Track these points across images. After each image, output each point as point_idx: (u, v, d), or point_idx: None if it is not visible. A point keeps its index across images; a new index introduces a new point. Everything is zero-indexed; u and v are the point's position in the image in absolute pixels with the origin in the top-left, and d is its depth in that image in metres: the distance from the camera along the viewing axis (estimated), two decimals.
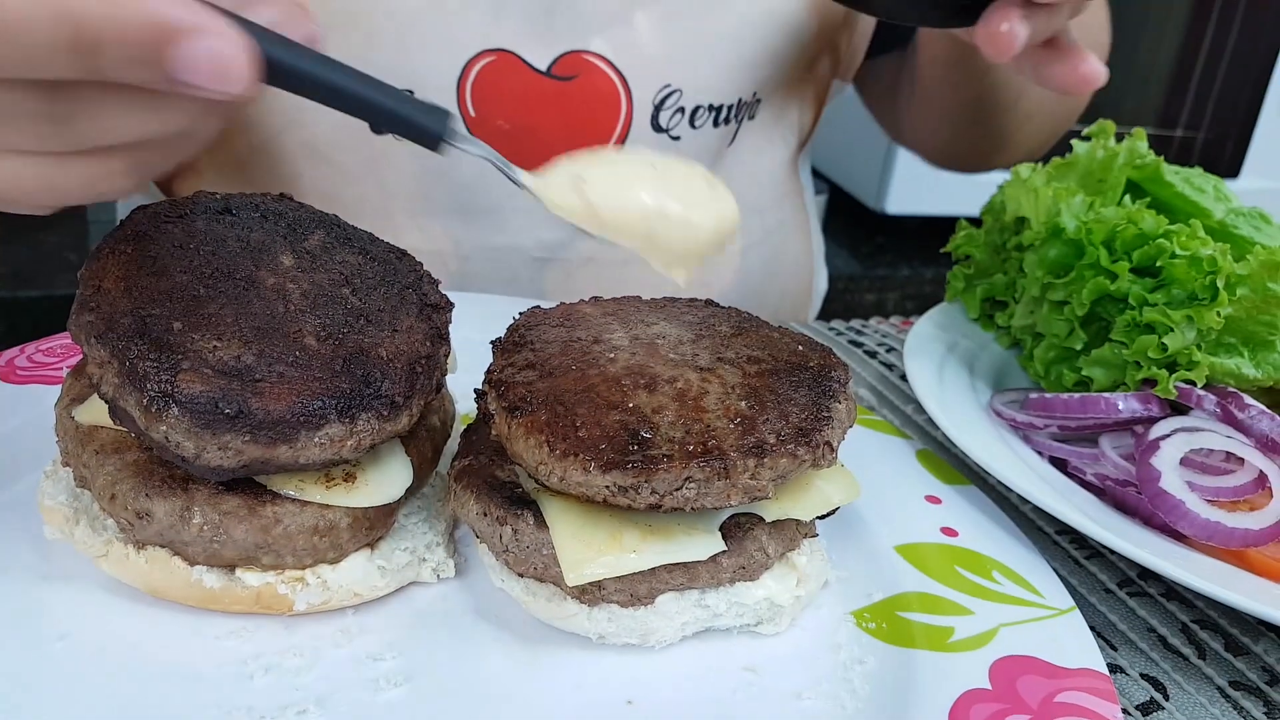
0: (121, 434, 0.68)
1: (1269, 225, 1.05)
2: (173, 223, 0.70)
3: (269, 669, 0.65)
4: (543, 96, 1.14)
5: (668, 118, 1.19)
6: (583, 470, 0.64)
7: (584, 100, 1.16)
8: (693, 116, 1.21)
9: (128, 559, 0.67)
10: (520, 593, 0.71)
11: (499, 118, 1.14)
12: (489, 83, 1.13)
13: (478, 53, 1.11)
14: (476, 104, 1.13)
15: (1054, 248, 1.01)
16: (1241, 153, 2.74)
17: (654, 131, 1.20)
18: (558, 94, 1.14)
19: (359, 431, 0.65)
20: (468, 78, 1.12)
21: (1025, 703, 0.66)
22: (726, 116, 1.24)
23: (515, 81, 1.13)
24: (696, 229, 0.68)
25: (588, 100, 1.16)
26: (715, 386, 0.69)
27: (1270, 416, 0.88)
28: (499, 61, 1.12)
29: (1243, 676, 0.77)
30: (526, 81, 1.13)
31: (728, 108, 1.23)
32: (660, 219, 0.67)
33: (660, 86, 1.17)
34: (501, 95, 1.13)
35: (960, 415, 0.95)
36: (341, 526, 0.68)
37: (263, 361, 0.63)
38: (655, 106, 1.18)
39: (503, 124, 1.14)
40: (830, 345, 1.26)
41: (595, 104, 1.16)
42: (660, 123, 1.19)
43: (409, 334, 0.71)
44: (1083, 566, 0.88)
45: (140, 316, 0.63)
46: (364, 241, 0.78)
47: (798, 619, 0.74)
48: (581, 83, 1.15)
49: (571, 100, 1.15)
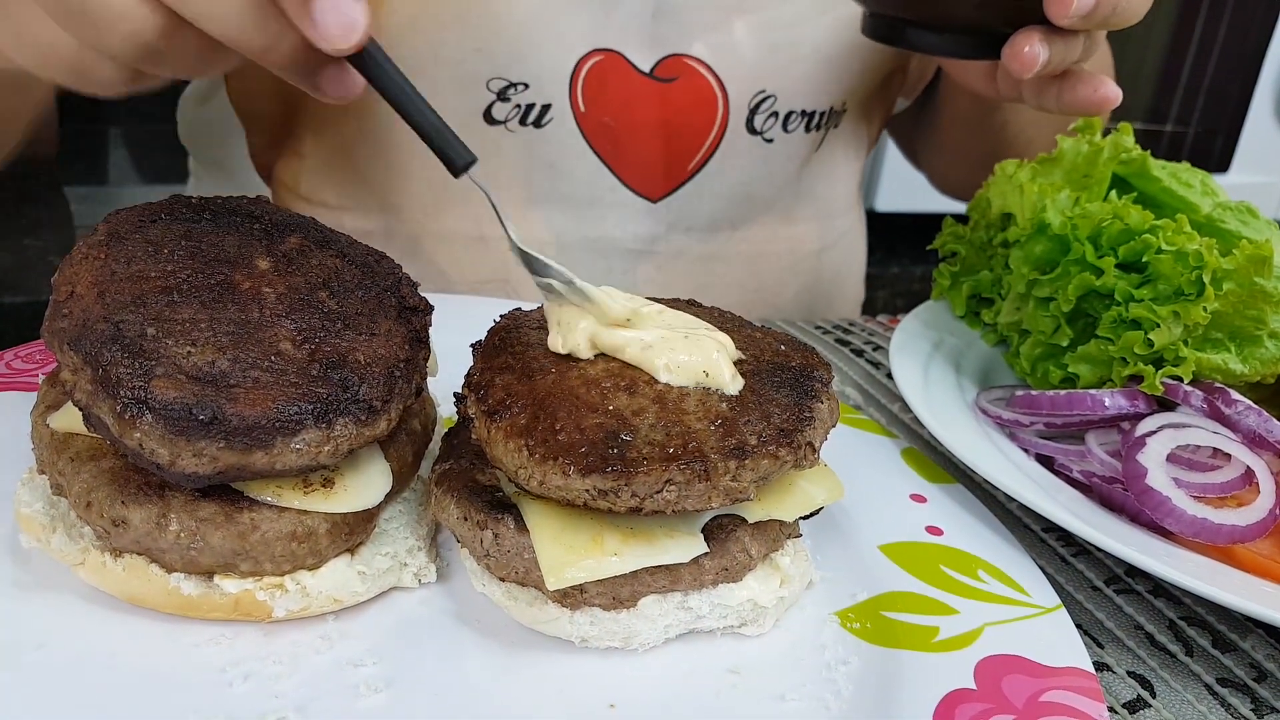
0: (97, 441, 0.67)
1: (1256, 219, 1.04)
2: (147, 227, 0.70)
3: (248, 676, 0.65)
4: (645, 96, 1.20)
5: (762, 121, 1.25)
6: (562, 474, 0.63)
7: (683, 101, 1.21)
8: (786, 121, 1.26)
9: (105, 567, 0.67)
10: (501, 597, 0.70)
11: (605, 114, 1.20)
12: (597, 80, 1.18)
13: (588, 51, 1.17)
14: (586, 100, 1.18)
15: (1039, 244, 1.01)
16: (1231, 147, 2.74)
17: (748, 134, 1.26)
18: (659, 94, 1.20)
19: (336, 437, 0.64)
20: (579, 74, 1.17)
21: (1010, 702, 0.66)
22: (818, 123, 1.30)
23: (620, 80, 1.19)
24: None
25: (687, 102, 1.22)
26: (696, 388, 0.68)
27: (1257, 412, 0.87)
28: (606, 61, 1.18)
29: (1230, 673, 0.77)
30: (631, 81, 1.19)
31: (819, 114, 1.29)
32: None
33: (755, 91, 1.23)
34: (608, 93, 1.19)
35: (946, 413, 0.94)
36: (320, 532, 0.67)
37: (237, 367, 0.63)
38: (750, 110, 1.24)
39: (608, 120, 1.20)
40: (817, 344, 1.27)
41: (693, 105, 1.22)
42: (755, 125, 1.25)
43: (387, 338, 0.71)
44: (1070, 564, 0.88)
45: (113, 322, 0.62)
46: (342, 244, 0.77)
47: (781, 620, 0.74)
48: (682, 84, 1.21)
49: (672, 101, 1.21)
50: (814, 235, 1.40)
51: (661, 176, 1.25)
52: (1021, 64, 0.87)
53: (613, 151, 1.22)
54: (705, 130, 1.24)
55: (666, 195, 1.26)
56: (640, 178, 1.24)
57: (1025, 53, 0.87)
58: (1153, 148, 1.06)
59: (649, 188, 1.25)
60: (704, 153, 1.24)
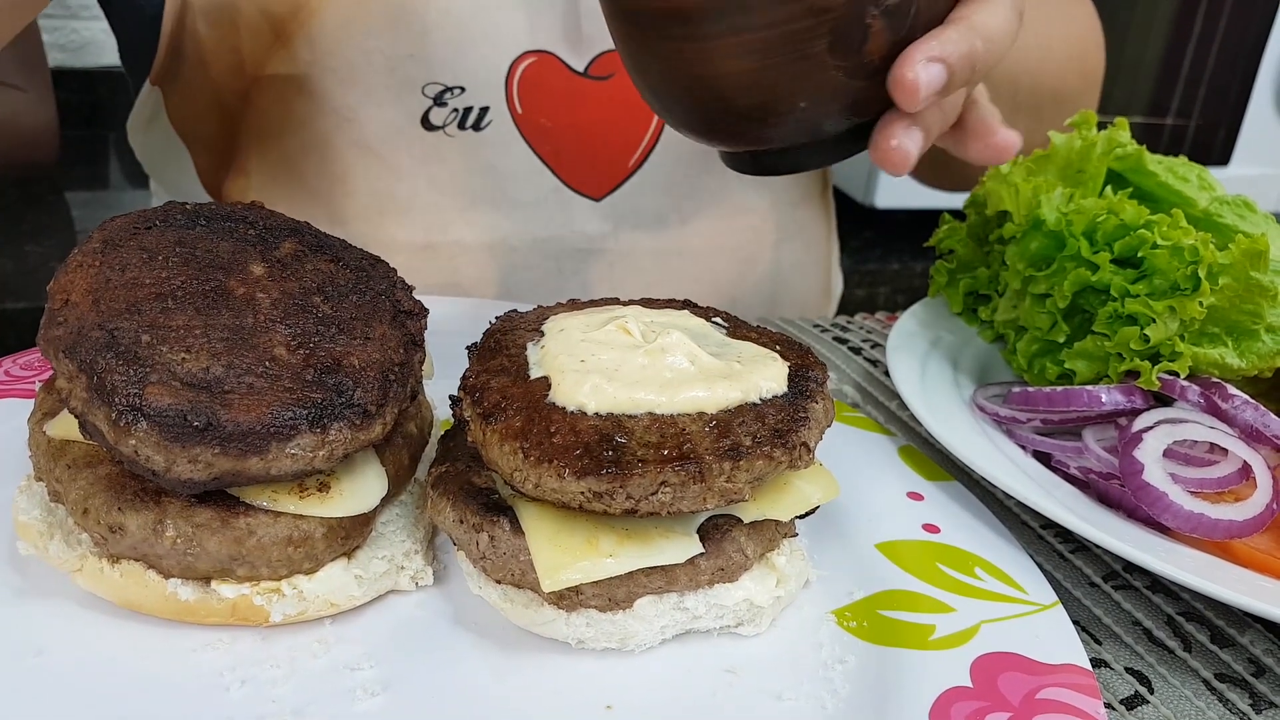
0: (93, 448, 0.68)
1: (1253, 213, 1.04)
2: (142, 234, 0.70)
3: (245, 680, 0.65)
4: (582, 96, 1.19)
5: None
6: (557, 476, 0.63)
7: (620, 98, 1.20)
8: None
9: (102, 573, 0.67)
10: (498, 599, 0.70)
11: (542, 116, 1.19)
12: (533, 81, 1.18)
13: (522, 53, 1.16)
14: (523, 101, 1.18)
15: (1034, 240, 1.00)
16: (1232, 140, 2.73)
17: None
18: (594, 92, 1.20)
19: (331, 441, 0.64)
20: (514, 76, 1.17)
21: (1006, 700, 0.66)
22: None
23: (556, 81, 1.18)
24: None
25: (623, 98, 1.20)
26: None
27: (1254, 406, 0.87)
28: (540, 62, 1.17)
29: (1228, 668, 0.77)
30: (566, 81, 1.19)
31: None
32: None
33: None
34: (544, 94, 1.18)
35: (943, 411, 0.94)
36: (316, 537, 0.67)
37: (232, 373, 0.63)
38: None
39: (545, 121, 1.19)
40: (815, 342, 1.27)
41: (630, 101, 1.21)
42: None
43: (382, 341, 0.71)
44: (1067, 560, 0.88)
45: (108, 330, 0.63)
46: (336, 249, 0.77)
47: (778, 619, 0.74)
48: (619, 81, 1.20)
49: (610, 99, 1.20)
50: (770, 227, 1.38)
51: (602, 174, 1.24)
52: (894, 164, 0.73)
53: (553, 152, 1.21)
54: (644, 125, 1.23)
55: (609, 193, 1.26)
56: (581, 177, 1.24)
57: (893, 148, 0.72)
58: (1154, 141, 1.05)
59: (590, 186, 1.25)
60: (644, 148, 1.24)
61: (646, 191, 1.27)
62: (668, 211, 1.30)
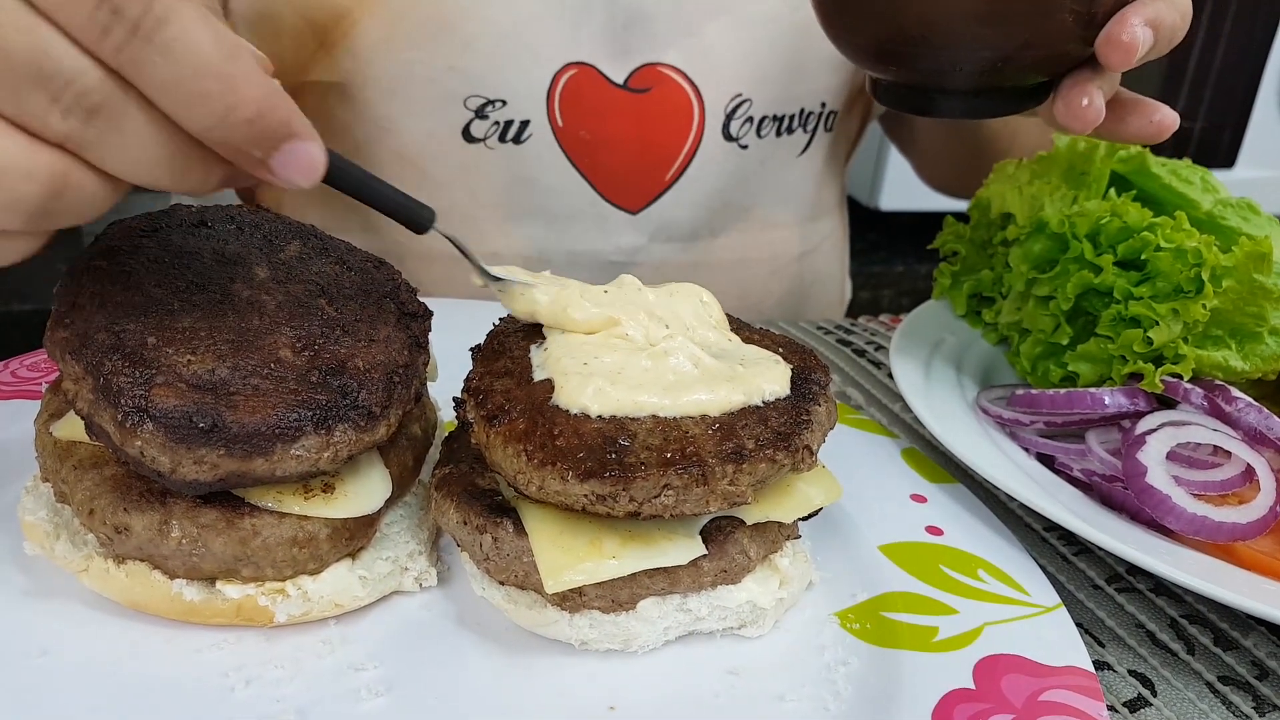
0: (99, 449, 0.68)
1: (1257, 216, 1.04)
2: (148, 237, 0.70)
3: (250, 681, 0.65)
4: (620, 109, 1.20)
5: (737, 127, 1.25)
6: (560, 479, 0.63)
7: (659, 112, 1.21)
8: (759, 126, 1.26)
9: (108, 573, 0.67)
10: (501, 601, 0.70)
11: (582, 129, 1.20)
12: (574, 94, 1.18)
13: (563, 65, 1.17)
14: (564, 114, 1.18)
15: (1038, 242, 1.01)
16: (1237, 142, 2.73)
17: (725, 140, 1.25)
18: (633, 106, 1.20)
19: (336, 443, 0.65)
20: (555, 89, 1.17)
21: (1009, 702, 0.66)
22: (790, 126, 1.29)
23: (596, 93, 1.19)
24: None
25: (662, 111, 1.21)
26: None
27: (1258, 409, 0.87)
28: (580, 74, 1.17)
29: (1232, 671, 0.77)
30: (605, 94, 1.19)
31: (789, 117, 1.28)
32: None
33: (731, 95, 1.23)
34: (584, 106, 1.19)
35: (946, 413, 0.94)
36: (321, 538, 0.68)
37: (237, 375, 0.63)
38: (727, 115, 1.23)
39: (584, 134, 1.20)
40: (819, 344, 1.27)
41: (669, 115, 1.22)
42: (730, 132, 1.25)
43: (386, 343, 0.71)
44: (1071, 563, 0.88)
45: (114, 332, 0.63)
46: (341, 251, 0.77)
47: (781, 621, 0.74)
48: (656, 95, 1.21)
49: (647, 112, 1.21)
50: (795, 239, 1.40)
51: (639, 188, 1.25)
52: (1083, 121, 0.78)
53: (591, 165, 1.22)
54: (681, 139, 1.23)
55: (646, 206, 1.26)
56: (619, 190, 1.24)
57: (1084, 106, 0.77)
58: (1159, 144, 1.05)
59: (628, 200, 1.25)
60: (681, 162, 1.24)
61: (682, 205, 1.27)
62: (700, 225, 1.30)
